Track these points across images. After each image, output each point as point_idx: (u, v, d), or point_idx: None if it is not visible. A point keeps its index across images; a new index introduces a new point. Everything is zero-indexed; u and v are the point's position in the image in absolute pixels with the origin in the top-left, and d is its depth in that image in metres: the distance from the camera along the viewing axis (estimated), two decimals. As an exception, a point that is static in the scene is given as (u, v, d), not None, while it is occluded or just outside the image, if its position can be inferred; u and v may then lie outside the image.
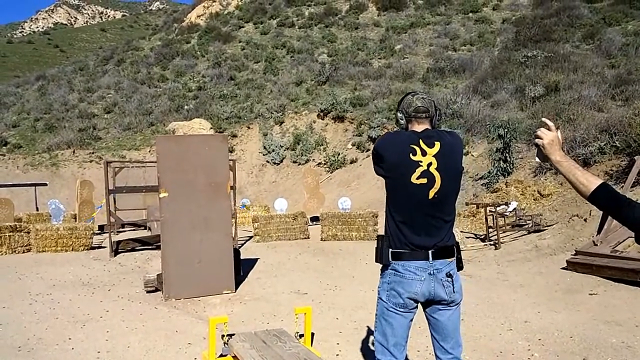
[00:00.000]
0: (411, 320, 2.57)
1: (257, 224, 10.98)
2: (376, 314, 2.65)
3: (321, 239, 10.69)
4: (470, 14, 31.10)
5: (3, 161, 20.06)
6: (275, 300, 6.15)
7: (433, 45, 27.62)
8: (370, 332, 4.80)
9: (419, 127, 2.59)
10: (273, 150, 21.34)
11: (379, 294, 2.62)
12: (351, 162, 19.09)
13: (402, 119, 2.65)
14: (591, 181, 1.88)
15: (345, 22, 33.40)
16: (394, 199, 2.54)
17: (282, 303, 5.98)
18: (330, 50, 29.64)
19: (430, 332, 2.66)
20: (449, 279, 2.52)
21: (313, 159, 20.62)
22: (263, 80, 27.30)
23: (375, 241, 2.62)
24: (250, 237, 11.28)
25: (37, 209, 15.58)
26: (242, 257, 7.81)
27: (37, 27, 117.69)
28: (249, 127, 22.66)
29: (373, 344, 4.46)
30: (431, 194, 2.47)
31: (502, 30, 27.19)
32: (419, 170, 2.46)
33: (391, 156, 2.50)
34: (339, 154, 19.73)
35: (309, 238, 11.10)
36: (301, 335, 4.22)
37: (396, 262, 2.50)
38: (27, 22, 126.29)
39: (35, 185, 16.91)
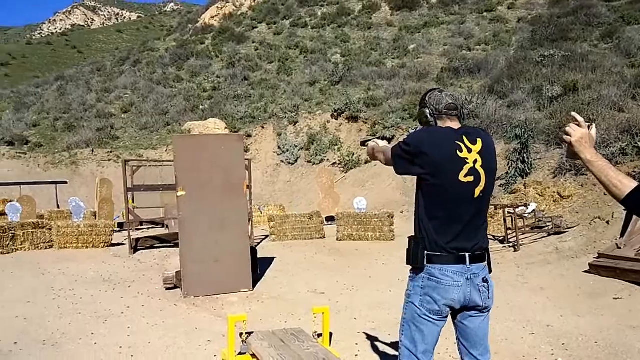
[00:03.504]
0: (442, 327, 2.46)
1: (273, 223, 11.05)
2: (404, 318, 2.52)
3: (337, 239, 10.72)
4: (485, 13, 30.89)
5: (25, 160, 20.40)
6: (292, 299, 6.21)
7: (447, 44, 27.49)
8: (389, 334, 4.83)
9: (451, 124, 2.49)
10: (287, 150, 21.41)
11: (409, 298, 2.49)
12: (366, 163, 19.07)
13: (431, 116, 2.53)
14: (625, 184, 1.78)
15: (358, 22, 33.37)
16: (434, 199, 2.39)
17: (300, 302, 6.03)
18: (344, 51, 29.65)
19: (458, 338, 2.55)
20: (485, 285, 2.42)
21: (327, 159, 20.65)
22: (277, 80, 27.40)
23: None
24: (266, 237, 11.35)
25: (58, 207, 15.85)
26: (258, 256, 7.87)
27: (55, 29, 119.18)
28: (263, 127, 22.76)
29: (393, 346, 4.50)
30: (477, 192, 2.37)
31: (518, 30, 26.97)
32: (466, 168, 2.34)
33: (436, 152, 2.34)
34: (353, 154, 19.74)
35: (324, 238, 11.14)
36: (319, 335, 4.25)
37: (432, 265, 2.37)
38: (45, 24, 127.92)
39: (55, 183, 17.19)
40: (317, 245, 10.22)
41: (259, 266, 7.68)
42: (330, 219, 12.91)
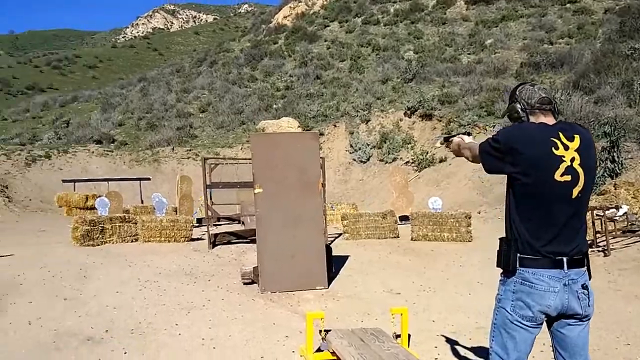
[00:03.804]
0: (536, 335, 2.34)
1: (346, 221, 11.04)
2: (495, 323, 2.41)
3: (411, 239, 10.54)
4: (568, 5, 29.33)
5: (111, 157, 21.69)
6: (368, 298, 6.17)
7: (527, 38, 26.36)
8: (469, 339, 4.68)
9: (544, 120, 2.35)
10: (359, 149, 21.35)
11: (499, 302, 2.38)
12: (440, 161, 18.66)
13: (522, 111, 2.41)
14: None
15: (432, 18, 32.71)
16: (527, 199, 2.29)
17: (376, 302, 5.97)
18: (417, 47, 29.18)
19: (554, 347, 2.42)
20: (585, 291, 2.30)
21: (400, 158, 20.40)
22: (349, 78, 27.40)
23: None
24: (339, 235, 11.36)
25: (142, 202, 16.69)
26: (332, 254, 7.88)
27: (138, 32, 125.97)
28: (335, 126, 22.84)
29: (475, 351, 4.36)
30: (575, 192, 2.24)
31: (605, 21, 25.38)
32: (562, 166, 2.22)
33: (529, 150, 2.22)
34: (427, 153, 19.37)
35: (398, 237, 10.99)
36: (397, 336, 4.19)
37: (525, 269, 2.26)
38: (128, 28, 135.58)
39: (140, 179, 18.12)
40: (391, 245, 10.10)
41: (333, 264, 7.70)
42: (404, 218, 12.72)
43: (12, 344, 4.40)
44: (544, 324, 2.37)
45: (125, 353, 4.25)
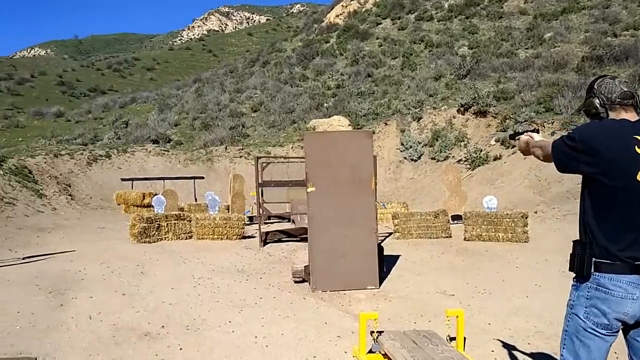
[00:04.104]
0: (611, 343, 2.22)
1: (397, 220, 10.89)
2: (566, 331, 2.31)
3: (464, 239, 10.28)
4: (635, -5, 27.80)
5: (167, 156, 22.36)
6: (420, 299, 6.04)
7: (589, 31, 25.18)
8: (528, 343, 4.50)
9: (626, 116, 2.22)
10: (411, 147, 21.05)
11: (572, 309, 2.28)
12: (495, 159, 18.13)
13: (601, 107, 2.27)
14: None
15: (488, 12, 31.86)
16: (604, 201, 2.17)
17: (428, 303, 5.84)
18: (472, 42, 28.49)
19: (631, 356, 2.30)
20: None
21: (452, 156, 19.96)
22: (400, 76, 27.09)
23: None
24: (390, 234, 11.23)
25: (196, 200, 17.11)
26: (384, 253, 7.79)
27: (193, 35, 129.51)
28: (386, 124, 22.61)
29: (534, 357, 4.18)
30: None
31: (675, 11, 23.92)
32: None
33: (609, 149, 2.10)
34: (481, 151, 18.85)
35: (450, 237, 10.75)
36: (452, 339, 4.07)
37: (601, 274, 2.15)
38: (184, 31, 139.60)
39: (194, 178, 18.58)
40: (443, 245, 9.89)
41: (385, 264, 7.60)
42: (456, 217, 12.43)
43: (74, 338, 4.58)
44: (620, 331, 2.24)
45: (180, 349, 4.34)
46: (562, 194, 13.35)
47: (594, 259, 2.16)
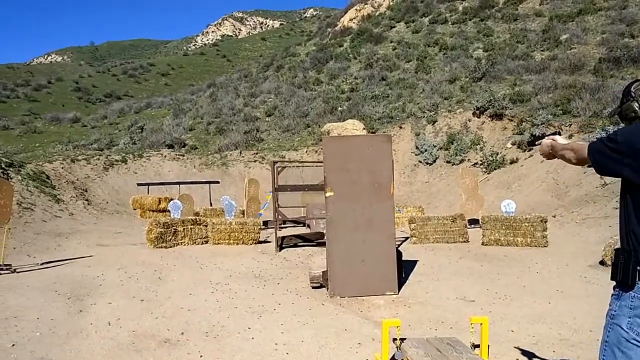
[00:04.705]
0: None
1: (414, 225, 10.80)
2: (606, 341, 2.25)
3: (482, 243, 10.16)
4: (653, -5, 27.42)
5: (182, 161, 22.48)
6: (440, 305, 5.95)
7: (606, 32, 24.88)
8: (553, 351, 4.39)
9: None
10: (425, 150, 20.94)
11: (613, 319, 2.21)
12: (511, 163, 17.95)
13: None
14: None
15: (503, 14, 31.63)
16: None
17: (449, 309, 5.75)
18: (486, 45, 28.30)
19: None
20: None
21: (468, 159, 19.82)
22: (415, 79, 26.98)
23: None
24: (406, 238, 11.14)
25: (211, 205, 17.15)
26: (402, 258, 7.71)
27: (208, 40, 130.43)
28: (400, 127, 22.52)
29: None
30: None
31: (694, 11, 23.53)
32: None
33: None
34: (497, 154, 18.68)
35: (468, 242, 10.64)
36: (476, 346, 3.98)
37: None
38: (199, 36, 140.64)
39: (209, 182, 18.65)
40: (461, 250, 9.78)
41: (403, 269, 7.52)
42: (473, 222, 12.30)
43: (94, 344, 4.57)
44: None
45: (201, 357, 4.30)
46: (581, 197, 13.15)
47: (639, 268, 2.09)
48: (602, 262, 7.97)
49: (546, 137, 2.60)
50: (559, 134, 2.58)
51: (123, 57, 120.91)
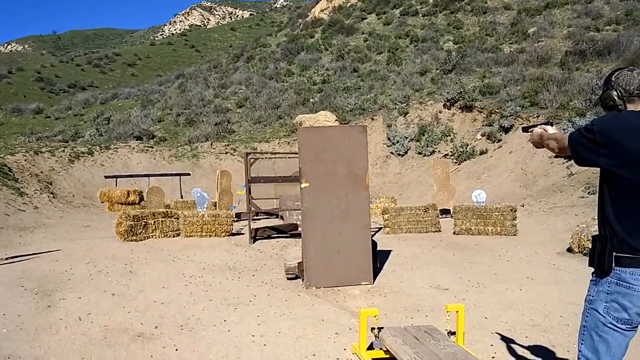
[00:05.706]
0: (631, 338, 2.20)
1: (387, 215, 10.87)
2: (584, 326, 2.30)
3: (454, 233, 10.31)
4: (617, -10, 28.13)
5: (151, 153, 22.06)
6: (415, 294, 6.00)
7: (572, 26, 25.47)
8: (526, 337, 4.48)
9: None
10: (397, 142, 21.07)
11: (591, 304, 2.26)
12: (481, 154, 18.25)
13: (619, 99, 2.23)
14: None
15: (473, 7, 32.01)
16: (625, 194, 2.14)
17: (424, 298, 5.81)
18: (457, 37, 28.60)
19: None
20: None
21: (439, 151, 20.05)
22: (386, 71, 27.09)
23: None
24: (379, 229, 11.20)
25: (182, 197, 16.90)
26: (377, 248, 7.74)
27: (175, 30, 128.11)
28: (372, 119, 22.58)
29: (532, 349, 4.17)
30: None
31: (656, 6, 24.26)
32: None
33: (630, 142, 2.07)
34: (467, 145, 18.95)
35: (440, 231, 10.77)
36: (452, 333, 4.03)
37: (622, 269, 2.13)
38: (166, 26, 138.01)
39: (180, 175, 18.36)
40: (433, 239, 9.89)
41: (377, 259, 7.56)
42: (445, 211, 12.46)
43: (64, 340, 4.43)
44: None
45: (176, 350, 4.22)
46: (548, 187, 13.46)
47: (614, 254, 2.14)
48: (569, 250, 8.18)
49: (538, 127, 2.63)
50: (551, 124, 2.61)
51: (87, 47, 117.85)
